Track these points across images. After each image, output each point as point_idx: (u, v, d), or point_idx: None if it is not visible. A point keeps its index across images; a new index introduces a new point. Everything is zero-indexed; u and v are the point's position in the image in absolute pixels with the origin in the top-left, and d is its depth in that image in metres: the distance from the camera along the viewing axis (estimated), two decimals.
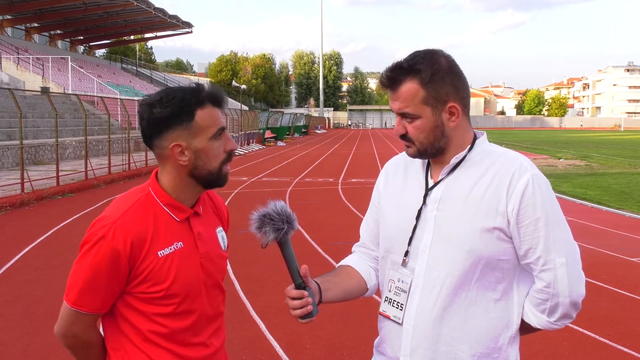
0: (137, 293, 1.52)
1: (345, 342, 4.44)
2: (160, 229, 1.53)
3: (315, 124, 69.02)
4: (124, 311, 1.54)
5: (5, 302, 5.38)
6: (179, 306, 1.55)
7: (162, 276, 1.52)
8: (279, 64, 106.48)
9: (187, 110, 1.51)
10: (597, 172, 18.66)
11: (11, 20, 41.55)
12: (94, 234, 1.49)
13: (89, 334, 1.57)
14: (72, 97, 25.45)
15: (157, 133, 1.52)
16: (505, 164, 1.55)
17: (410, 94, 1.54)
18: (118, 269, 1.48)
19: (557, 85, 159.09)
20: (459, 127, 1.58)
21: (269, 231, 1.52)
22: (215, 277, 1.66)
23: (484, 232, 1.51)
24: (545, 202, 1.51)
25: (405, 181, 1.69)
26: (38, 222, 9.35)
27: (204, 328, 1.62)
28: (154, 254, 1.51)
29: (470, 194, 1.54)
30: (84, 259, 1.49)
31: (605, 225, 9.55)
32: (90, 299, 1.50)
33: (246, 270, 6.33)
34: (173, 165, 1.55)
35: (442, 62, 1.55)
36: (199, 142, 1.53)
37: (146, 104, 1.52)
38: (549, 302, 1.52)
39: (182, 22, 51.38)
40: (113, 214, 1.51)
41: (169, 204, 1.56)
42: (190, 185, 1.58)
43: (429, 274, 1.56)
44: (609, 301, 5.46)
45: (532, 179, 1.50)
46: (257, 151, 30.47)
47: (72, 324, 1.54)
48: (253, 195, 12.89)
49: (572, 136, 58.29)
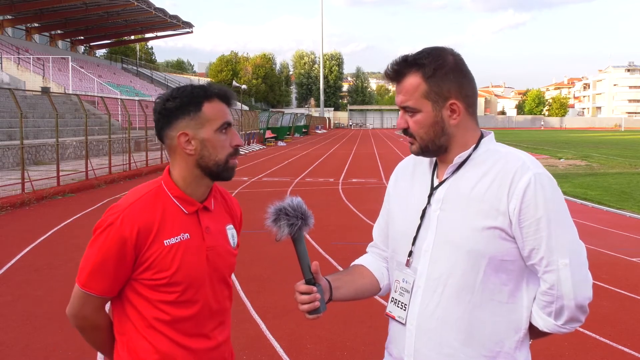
0: (143, 279, 1.58)
1: (346, 342, 4.44)
2: (167, 220, 1.60)
3: (315, 124, 69.04)
4: (130, 296, 1.61)
5: (5, 302, 5.38)
6: (182, 294, 1.60)
7: (167, 264, 1.57)
8: (280, 64, 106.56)
9: (195, 102, 1.59)
10: (598, 172, 18.66)
11: (12, 20, 41.56)
12: (104, 220, 1.57)
13: (98, 317, 1.64)
14: (73, 97, 25.45)
15: (167, 124, 1.61)
16: (508, 162, 1.52)
17: (412, 87, 1.55)
18: (125, 255, 1.54)
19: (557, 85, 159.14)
20: (461, 126, 1.57)
21: (284, 226, 1.55)
22: (221, 271, 1.70)
23: (485, 232, 1.49)
24: (547, 201, 1.47)
25: (413, 181, 1.69)
26: (38, 222, 9.35)
27: (207, 320, 1.66)
28: (160, 242, 1.57)
29: (472, 194, 1.52)
30: (95, 243, 1.57)
31: (605, 225, 9.55)
32: (99, 282, 1.57)
33: (247, 270, 6.33)
34: (181, 155, 1.62)
35: (448, 59, 1.55)
36: (205, 133, 1.59)
37: (160, 99, 1.62)
38: (554, 304, 1.49)
39: (182, 22, 51.39)
40: (124, 202, 1.59)
41: (179, 197, 1.63)
42: (198, 177, 1.64)
43: (431, 274, 1.55)
44: (609, 301, 5.46)
45: (534, 178, 1.48)
46: (258, 151, 30.47)
47: (82, 306, 1.61)
48: (253, 195, 12.89)
49: (573, 136, 58.24)
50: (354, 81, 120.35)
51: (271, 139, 38.48)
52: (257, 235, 8.43)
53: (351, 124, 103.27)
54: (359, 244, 7.48)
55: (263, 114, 44.01)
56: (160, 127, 1.63)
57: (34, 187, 12.01)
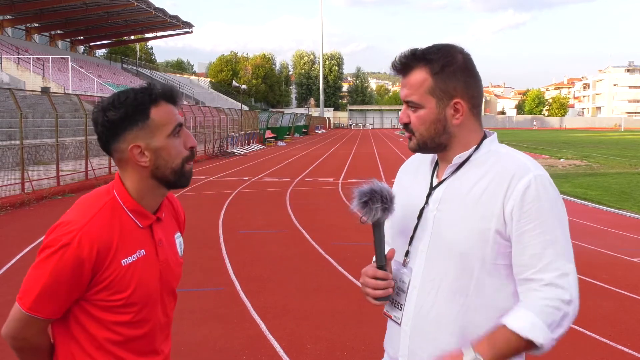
0: (97, 300, 1.48)
1: (346, 342, 4.44)
2: (125, 237, 1.49)
3: (315, 124, 69.04)
4: (80, 317, 1.49)
5: (5, 302, 5.38)
6: (137, 315, 1.52)
7: (124, 285, 1.48)
8: (280, 64, 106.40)
9: (141, 110, 1.46)
10: (598, 172, 18.65)
11: (12, 20, 41.58)
12: (57, 239, 1.41)
13: (40, 339, 1.53)
14: (73, 97, 25.45)
15: (113, 137, 1.48)
16: (508, 163, 1.49)
17: (418, 82, 1.52)
18: (81, 276, 1.43)
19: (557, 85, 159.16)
20: (464, 126, 1.55)
21: (377, 209, 1.52)
22: (171, 284, 1.64)
23: (478, 234, 1.46)
24: (550, 204, 1.44)
25: (414, 180, 1.67)
26: (38, 222, 9.35)
27: (157, 335, 1.60)
28: (118, 262, 1.47)
29: (469, 195, 1.50)
30: (45, 265, 1.42)
31: (605, 225, 9.54)
32: (46, 305, 1.44)
33: (246, 270, 6.32)
34: (134, 168, 1.50)
35: (457, 57, 1.53)
36: (158, 141, 1.48)
37: (99, 109, 1.48)
38: (560, 312, 1.40)
39: (182, 22, 51.41)
40: (79, 219, 1.44)
41: (134, 210, 1.52)
42: (153, 187, 1.54)
43: (426, 275, 1.54)
44: (609, 301, 5.45)
45: (534, 180, 1.44)
46: (258, 151, 30.47)
47: (24, 328, 1.49)
48: (253, 195, 12.89)
49: (573, 136, 58.25)
50: (353, 81, 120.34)
51: (271, 139, 38.48)
52: (257, 235, 8.44)
53: (351, 124, 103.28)
54: (359, 244, 7.41)
55: (263, 114, 44.02)
56: (105, 140, 1.49)
57: (34, 187, 12.00)
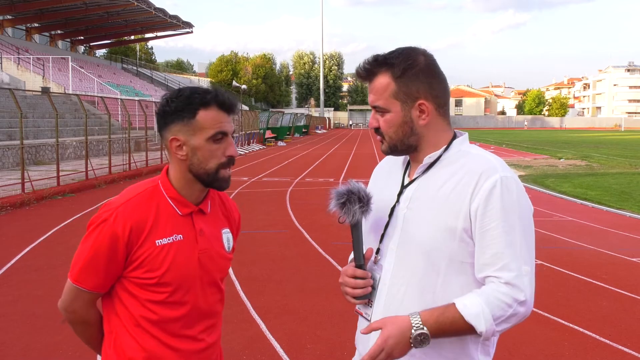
0: (133, 278, 1.59)
1: (346, 342, 4.44)
2: (161, 220, 1.60)
3: (315, 124, 69.04)
4: (120, 294, 1.62)
5: (5, 302, 5.38)
6: (171, 295, 1.61)
7: (157, 264, 1.58)
8: (280, 64, 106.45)
9: (189, 108, 1.57)
10: (598, 172, 18.65)
11: (12, 20, 41.55)
12: (99, 216, 1.58)
13: (88, 312, 1.65)
14: (73, 97, 25.45)
15: (163, 125, 1.62)
16: (477, 164, 1.51)
17: (382, 87, 1.56)
18: (116, 252, 1.55)
19: (557, 85, 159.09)
20: (431, 126, 1.58)
21: (356, 211, 1.56)
22: (212, 275, 1.69)
23: (445, 232, 1.49)
24: (514, 205, 1.46)
25: (387, 180, 1.71)
26: (38, 222, 9.35)
27: (195, 322, 1.66)
28: (152, 242, 1.58)
29: (438, 194, 1.53)
30: (88, 239, 1.58)
31: (605, 225, 9.55)
32: (90, 277, 1.57)
33: (246, 270, 6.32)
34: (176, 160, 1.62)
35: (419, 60, 1.55)
36: (196, 141, 1.58)
37: (163, 98, 1.62)
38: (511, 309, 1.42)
39: (182, 22, 51.37)
40: (119, 199, 1.60)
41: (174, 197, 1.63)
42: (191, 181, 1.63)
43: (396, 272, 1.56)
44: (609, 301, 5.45)
45: (500, 181, 1.46)
46: (258, 151, 30.47)
47: (73, 300, 1.62)
48: (253, 195, 12.89)
49: (573, 136, 58.24)
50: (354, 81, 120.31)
51: (271, 139, 38.48)
52: (257, 235, 8.44)
53: (351, 124, 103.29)
54: None
55: (263, 114, 44.01)
56: (159, 126, 1.64)
57: (34, 187, 12.01)
